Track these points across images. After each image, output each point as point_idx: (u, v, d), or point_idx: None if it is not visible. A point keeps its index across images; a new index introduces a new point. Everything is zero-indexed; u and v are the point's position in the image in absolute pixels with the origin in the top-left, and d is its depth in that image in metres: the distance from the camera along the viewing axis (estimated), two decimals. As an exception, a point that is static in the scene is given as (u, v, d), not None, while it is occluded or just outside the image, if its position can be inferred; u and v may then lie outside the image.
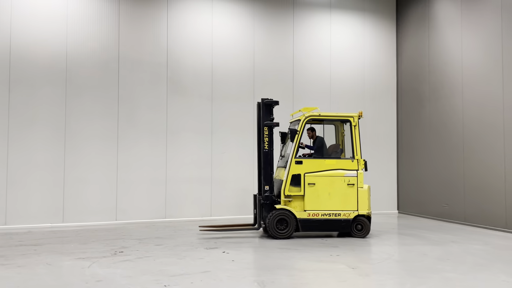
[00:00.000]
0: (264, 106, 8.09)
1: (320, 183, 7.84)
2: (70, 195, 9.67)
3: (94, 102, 9.99)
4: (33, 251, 6.86)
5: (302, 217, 7.79)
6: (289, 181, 7.82)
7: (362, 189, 7.95)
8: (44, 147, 9.55)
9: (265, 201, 7.89)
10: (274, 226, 7.72)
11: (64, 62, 9.77)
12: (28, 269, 5.69)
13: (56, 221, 9.52)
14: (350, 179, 7.91)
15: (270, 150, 8.00)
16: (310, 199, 7.81)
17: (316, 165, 7.94)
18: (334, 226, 7.88)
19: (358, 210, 7.89)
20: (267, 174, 7.95)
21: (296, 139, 7.90)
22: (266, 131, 8.00)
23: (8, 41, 9.36)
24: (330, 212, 7.83)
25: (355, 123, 8.08)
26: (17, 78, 9.41)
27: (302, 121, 8.01)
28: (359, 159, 8.01)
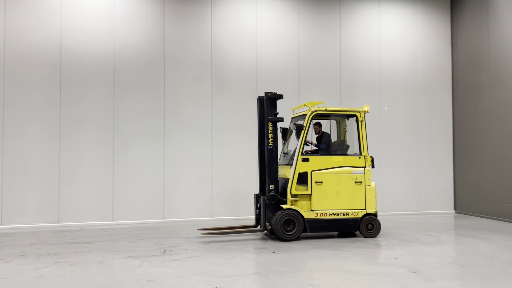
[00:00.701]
0: (268, 100, 7.71)
1: (327, 181, 7.55)
2: (118, 193, 9.78)
3: (141, 101, 10.06)
4: (85, 249, 6.93)
5: (310, 217, 7.46)
6: (296, 179, 7.47)
7: (370, 186, 7.69)
8: (93, 146, 9.71)
9: (271, 201, 7.50)
10: (281, 227, 7.31)
11: (112, 62, 9.89)
12: (81, 267, 5.70)
13: (106, 219, 9.66)
14: (358, 176, 7.65)
15: (274, 147, 7.62)
16: (317, 198, 7.50)
17: (323, 162, 7.63)
18: (342, 226, 7.61)
19: (366, 208, 7.64)
20: (272, 172, 7.56)
21: (302, 135, 7.52)
22: (271, 126, 7.62)
23: (58, 43, 9.58)
24: (339, 211, 7.55)
25: (362, 118, 7.80)
26: (67, 79, 9.61)
27: (308, 116, 7.64)
28: (366, 156, 7.74)
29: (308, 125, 7.59)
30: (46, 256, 6.39)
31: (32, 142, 9.37)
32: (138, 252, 6.66)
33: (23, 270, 5.55)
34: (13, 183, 9.21)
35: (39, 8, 9.50)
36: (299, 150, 7.52)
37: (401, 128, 11.56)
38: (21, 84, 9.37)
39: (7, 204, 9.13)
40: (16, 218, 9.16)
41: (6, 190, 9.15)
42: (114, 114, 9.87)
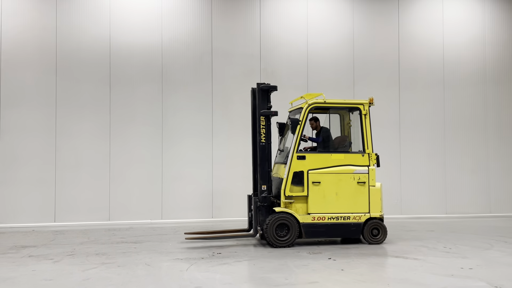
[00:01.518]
0: (261, 92, 6.94)
1: (326, 182, 6.78)
2: (167, 191, 9.63)
3: (189, 98, 9.84)
4: (133, 249, 6.75)
5: (306, 221, 6.71)
6: (290, 179, 6.75)
7: (374, 187, 6.90)
8: (142, 144, 9.61)
9: (262, 203, 6.78)
10: (273, 232, 6.61)
11: (160, 58, 9.74)
12: (128, 269, 5.49)
13: (155, 218, 9.54)
14: (361, 176, 6.87)
15: (267, 144, 6.90)
16: (314, 201, 6.75)
17: (321, 160, 6.86)
18: (342, 231, 6.83)
19: (370, 212, 6.85)
20: (264, 171, 6.85)
21: (298, 130, 6.79)
22: (263, 121, 6.87)
23: (107, 41, 9.56)
24: (338, 215, 6.77)
25: (365, 111, 7.00)
26: (117, 77, 9.57)
27: (304, 109, 6.89)
28: (370, 153, 6.95)
29: (305, 119, 6.86)
30: (94, 256, 6.26)
31: (84, 141, 9.42)
32: (186, 254, 6.39)
33: (71, 271, 5.41)
34: (66, 181, 9.29)
35: (89, 6, 9.52)
36: (294, 147, 6.79)
37: (468, 122, 10.59)
38: (73, 82, 9.43)
39: (60, 202, 9.23)
40: (69, 216, 9.24)
41: (59, 188, 9.26)
42: (163, 111, 9.72)
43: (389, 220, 9.91)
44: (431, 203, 10.48)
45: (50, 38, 9.34)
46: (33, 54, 9.29)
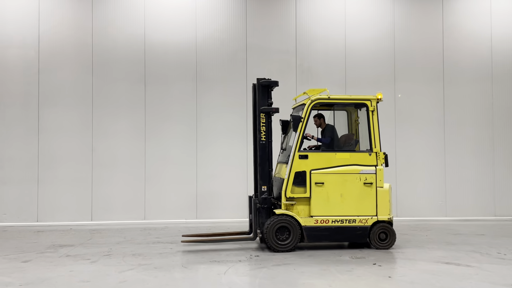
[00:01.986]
0: (261, 88, 6.62)
1: (330, 182, 6.41)
2: (202, 191, 9.50)
3: (223, 95, 9.67)
4: (169, 249, 6.63)
5: (308, 224, 6.36)
6: (292, 180, 6.40)
7: (382, 189, 6.50)
8: (177, 143, 9.52)
9: (262, 205, 6.47)
10: (273, 235, 6.27)
11: (194, 55, 9.61)
12: (165, 272, 5.34)
13: (190, 217, 9.43)
14: (367, 176, 6.46)
15: (268, 142, 6.57)
16: (317, 202, 6.39)
17: (325, 160, 6.49)
18: (348, 235, 6.45)
19: (377, 215, 6.46)
20: (265, 171, 6.55)
21: (300, 128, 6.44)
22: (263, 118, 6.54)
23: (142, 39, 9.51)
24: (343, 218, 6.40)
25: (373, 107, 6.60)
26: (151, 75, 9.52)
27: (307, 106, 6.51)
28: (378, 152, 6.55)
29: (307, 116, 6.50)
30: (131, 256, 6.17)
31: (119, 140, 9.41)
32: (223, 256, 6.19)
33: (108, 273, 5.32)
34: (102, 180, 9.32)
35: (124, 4, 9.49)
36: (296, 146, 6.44)
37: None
38: (108, 81, 9.44)
39: (96, 201, 9.27)
40: (105, 215, 9.27)
41: (96, 187, 9.29)
42: (197, 109, 9.59)
43: (433, 222, 9.43)
44: (479, 204, 9.88)
45: (86, 37, 9.38)
46: (70, 53, 9.36)
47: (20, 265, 5.69)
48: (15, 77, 9.22)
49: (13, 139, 9.16)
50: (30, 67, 9.23)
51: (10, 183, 9.12)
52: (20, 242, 7.30)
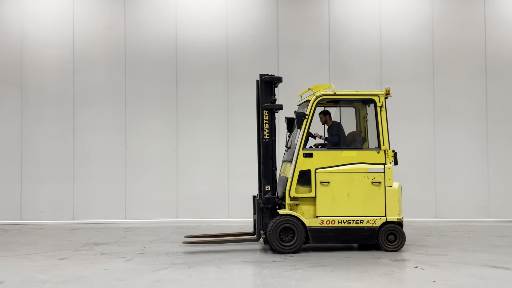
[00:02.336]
0: (263, 84, 6.43)
1: (336, 182, 6.19)
2: (233, 189, 9.41)
3: (254, 93, 9.53)
4: (202, 248, 6.56)
5: (313, 225, 6.15)
6: (296, 179, 6.20)
7: (391, 188, 6.24)
8: (209, 141, 9.47)
9: (266, 205, 6.28)
10: (277, 237, 6.09)
11: (225, 53, 9.53)
12: (198, 272, 5.26)
13: (221, 216, 9.35)
14: (375, 175, 6.20)
15: (271, 140, 6.39)
16: (323, 202, 6.17)
17: (331, 158, 6.27)
18: (355, 237, 6.21)
19: (386, 215, 6.19)
20: (268, 170, 6.36)
21: (304, 125, 6.23)
22: (266, 115, 6.36)
23: (173, 37, 9.51)
24: (350, 219, 6.17)
25: (381, 103, 6.33)
26: (183, 74, 9.51)
27: (312, 102, 6.28)
28: (387, 150, 6.29)
29: (312, 113, 6.27)
30: (164, 255, 6.13)
31: (152, 138, 9.45)
32: (257, 255, 6.07)
33: (142, 272, 5.28)
34: (136, 178, 9.38)
35: (156, 4, 9.51)
36: (300, 144, 6.23)
37: None
38: (141, 80, 9.50)
39: (130, 199, 9.34)
40: (138, 213, 9.33)
41: (130, 185, 9.36)
42: (228, 107, 9.51)
43: (475, 223, 9.00)
44: (525, 204, 9.36)
45: (119, 38, 9.47)
46: (103, 54, 9.46)
47: (56, 262, 5.75)
48: (51, 77, 9.41)
49: (49, 138, 9.35)
50: (65, 68, 9.40)
51: (47, 181, 9.31)
52: (56, 239, 7.42)
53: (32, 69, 9.34)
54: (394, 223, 6.20)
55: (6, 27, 9.40)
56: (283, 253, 6.08)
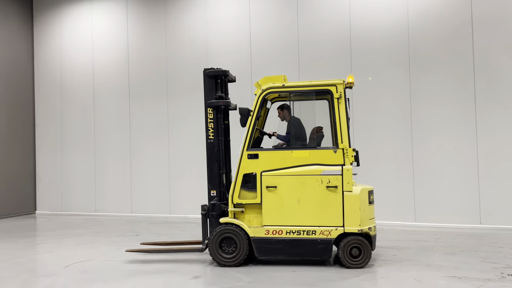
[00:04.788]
0: (207, 79, 5.86)
1: (284, 186, 5.39)
2: (421, 190, 8.37)
3: (442, 79, 8.33)
4: (392, 256, 5.89)
5: (258, 235, 5.41)
6: (240, 183, 5.53)
7: (351, 193, 5.27)
8: (389, 137, 8.64)
9: (211, 212, 5.68)
10: (217, 248, 5.45)
11: (406, 37, 8.56)
12: (394, 284, 4.64)
13: (407, 219, 8.42)
14: (331, 178, 5.30)
15: (218, 141, 5.76)
16: (269, 210, 5.40)
17: (279, 159, 5.46)
18: (306, 250, 5.32)
19: (344, 225, 5.25)
20: (214, 174, 5.74)
21: (249, 123, 5.53)
22: (211, 113, 5.76)
23: (347, 27, 8.97)
24: (300, 229, 5.32)
25: (339, 94, 5.41)
26: (357, 64, 8.90)
27: (258, 97, 5.61)
28: (345, 149, 5.33)
29: (257, 109, 5.55)
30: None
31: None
32: (463, 271, 5.11)
33: (330, 278, 4.92)
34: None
35: (328, -5, 9.14)
36: (244, 144, 5.55)
37: None
38: (314, 76, 9.17)
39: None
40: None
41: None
42: (411, 97, 8.52)
43: None
44: None
45: (292, 35, 9.39)
46: (277, 52, 9.51)
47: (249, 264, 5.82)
48: (231, 80, 9.88)
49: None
50: (244, 70, 9.74)
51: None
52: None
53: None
54: (355, 235, 5.21)
55: (193, 35, 10.24)
56: (225, 266, 5.42)
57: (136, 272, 5.39)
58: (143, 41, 10.69)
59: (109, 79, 10.97)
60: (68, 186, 11.27)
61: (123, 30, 10.87)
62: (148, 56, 10.61)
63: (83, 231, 8.35)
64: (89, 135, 11.08)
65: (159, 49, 10.50)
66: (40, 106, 11.66)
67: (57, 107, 11.45)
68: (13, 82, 11.14)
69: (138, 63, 10.64)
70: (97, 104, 11.03)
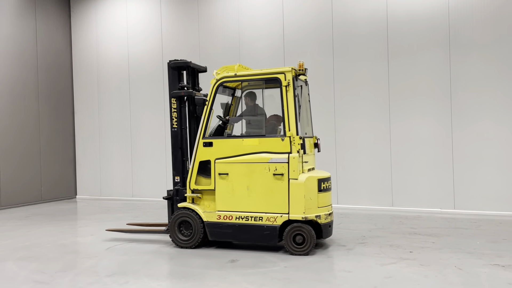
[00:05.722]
0: (170, 71, 6.19)
1: (235, 173, 5.58)
2: (461, 176, 8.12)
3: (485, 62, 7.97)
4: (431, 244, 5.75)
5: (211, 220, 5.68)
6: (196, 170, 5.82)
7: (296, 181, 5.29)
8: (426, 121, 8.39)
9: (176, 197, 6.08)
10: (175, 230, 5.84)
11: (446, 18, 8.22)
12: (435, 271, 4.54)
13: (445, 206, 8.20)
14: (278, 166, 5.36)
15: (180, 129, 6.09)
16: (222, 196, 5.65)
17: (231, 147, 5.66)
18: (254, 235, 5.48)
19: (289, 212, 5.29)
20: (177, 161, 6.13)
21: (205, 112, 5.78)
22: (174, 103, 6.10)
23: (384, 9, 8.70)
24: (249, 215, 5.48)
25: (287, 82, 5.44)
26: (394, 48, 8.63)
27: (212, 86, 5.81)
28: (293, 137, 5.34)
29: (212, 99, 5.76)
30: (388, 247, 5.59)
31: (362, 120, 8.93)
32: (507, 259, 4.95)
33: (368, 264, 4.87)
34: (346, 163, 9.05)
35: (363, -24, 8.87)
36: (200, 132, 5.79)
37: None
38: (349, 61, 9.05)
39: (341, 184, 9.07)
40: (351, 198, 8.98)
41: (340, 170, 9.09)
42: (451, 81, 8.21)
43: None
44: None
45: (327, 18, 9.20)
46: (311, 36, 9.36)
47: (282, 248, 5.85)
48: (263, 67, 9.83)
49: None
50: (276, 56, 9.66)
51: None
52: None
53: (248, 59, 9.92)
54: (299, 222, 5.28)
55: (225, 22, 10.20)
56: (182, 248, 5.79)
57: (174, 254, 5.52)
58: (176, 29, 10.78)
59: (143, 67, 11.14)
60: (106, 171, 11.62)
61: (156, 18, 10.98)
62: (181, 44, 10.69)
63: (122, 215, 8.61)
64: (125, 122, 11.34)
65: (192, 37, 10.56)
66: (79, 94, 12.02)
67: (94, 95, 11.77)
68: (53, 72, 11.51)
69: (172, 51, 10.74)
70: (132, 92, 11.25)
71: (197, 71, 6.47)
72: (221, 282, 4.40)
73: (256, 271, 4.71)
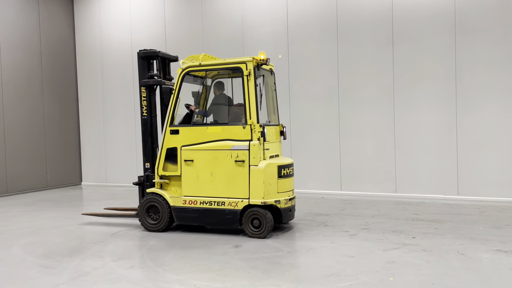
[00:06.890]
0: (140, 60, 6.38)
1: (199, 160, 5.83)
2: (464, 163, 8.10)
3: (490, 47, 7.89)
4: (434, 229, 5.78)
5: (177, 204, 5.95)
6: (163, 157, 6.06)
7: (256, 168, 5.52)
8: (431, 108, 8.34)
9: (146, 183, 6.36)
10: (144, 215, 6.10)
11: (452, 3, 8.12)
12: (437, 257, 4.57)
13: (449, 193, 8.21)
14: (239, 153, 5.60)
15: (150, 117, 6.36)
16: (187, 182, 5.91)
17: (196, 135, 5.88)
18: (217, 219, 5.76)
19: (249, 198, 5.54)
20: (147, 147, 6.39)
21: (171, 101, 6.00)
22: (144, 92, 6.32)
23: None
24: (212, 200, 5.75)
25: (248, 71, 5.64)
26: (399, 33, 8.55)
27: (178, 75, 6.00)
28: (253, 125, 5.57)
29: (178, 87, 5.96)
30: (391, 233, 5.62)
31: (365, 107, 8.89)
32: (509, 244, 4.97)
33: (371, 249, 4.91)
34: (350, 149, 9.04)
35: (368, -40, 8.74)
36: (167, 120, 6.01)
37: None
38: (353, 47, 8.97)
39: (345, 170, 9.08)
40: (355, 185, 9.00)
41: (344, 156, 9.09)
42: (456, 67, 8.14)
43: None
44: None
45: (330, 4, 9.10)
46: (315, 22, 9.27)
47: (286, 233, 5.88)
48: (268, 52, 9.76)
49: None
50: (280, 42, 9.60)
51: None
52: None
53: (251, 45, 9.86)
54: (258, 207, 5.50)
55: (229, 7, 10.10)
56: (151, 231, 6.01)
57: (178, 240, 5.58)
58: (179, 15, 10.70)
59: (147, 54, 11.10)
60: (111, 158, 11.68)
61: (160, 5, 10.90)
62: (185, 29, 10.62)
63: (127, 202, 8.68)
64: (129, 109, 11.35)
65: (196, 22, 10.49)
66: (83, 81, 12.01)
67: (98, 82, 11.76)
68: (57, 59, 11.49)
69: (175, 36, 10.68)
70: (136, 78, 11.23)
71: (168, 60, 6.69)
72: (225, 267, 4.46)
73: (260, 256, 4.76)
